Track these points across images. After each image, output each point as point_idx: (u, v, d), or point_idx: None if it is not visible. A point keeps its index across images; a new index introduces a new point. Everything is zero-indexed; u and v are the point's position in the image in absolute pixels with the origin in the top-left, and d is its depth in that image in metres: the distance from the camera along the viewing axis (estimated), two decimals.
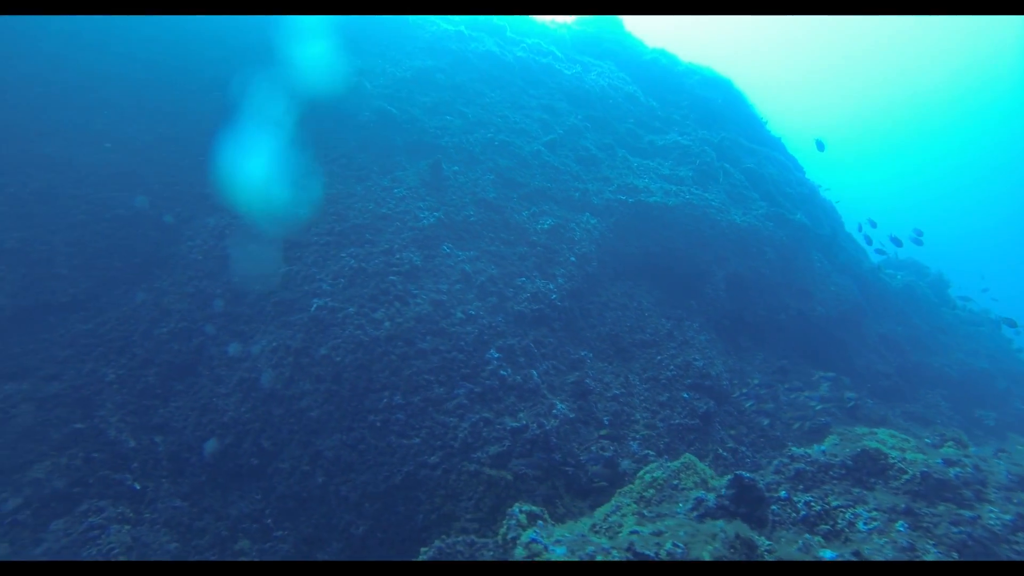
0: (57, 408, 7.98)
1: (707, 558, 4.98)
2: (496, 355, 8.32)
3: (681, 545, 4.93)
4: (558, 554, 4.77)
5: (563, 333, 9.38)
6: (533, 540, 5.11)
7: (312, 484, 7.86)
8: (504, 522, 6.20)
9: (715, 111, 16.67)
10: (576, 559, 4.66)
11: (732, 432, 9.39)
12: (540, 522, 6.03)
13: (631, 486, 7.13)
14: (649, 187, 12.17)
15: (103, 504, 7.08)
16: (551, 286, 9.55)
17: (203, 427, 8.38)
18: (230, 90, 10.84)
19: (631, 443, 8.37)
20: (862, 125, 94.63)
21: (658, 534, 5.32)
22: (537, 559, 4.91)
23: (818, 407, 9.45)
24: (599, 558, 4.62)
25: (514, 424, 7.74)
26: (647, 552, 4.76)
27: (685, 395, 9.46)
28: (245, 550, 7.39)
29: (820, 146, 16.08)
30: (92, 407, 8.23)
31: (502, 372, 8.19)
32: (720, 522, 5.45)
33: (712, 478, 7.33)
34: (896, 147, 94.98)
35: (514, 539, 5.82)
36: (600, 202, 11.45)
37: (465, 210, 10.20)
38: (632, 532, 5.54)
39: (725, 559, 5.05)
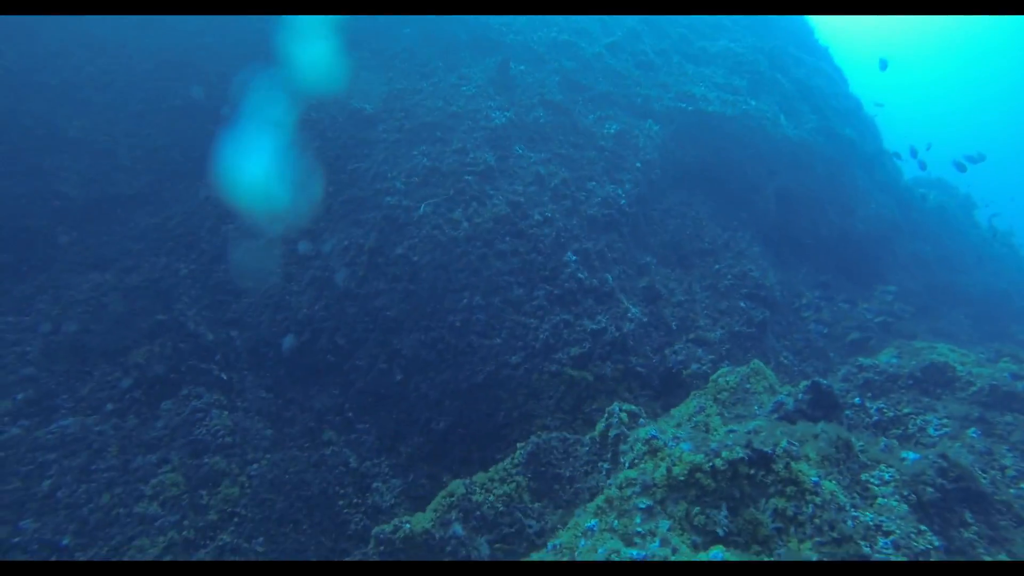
0: (140, 299, 8.07)
1: (813, 456, 5.27)
2: (573, 258, 8.40)
3: (796, 443, 5.21)
4: (684, 449, 4.99)
5: (631, 238, 9.45)
6: (653, 436, 5.34)
7: (390, 381, 8.08)
8: (602, 420, 6.44)
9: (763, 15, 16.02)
10: (701, 455, 4.85)
11: (786, 341, 9.69)
12: (641, 420, 6.30)
13: (705, 389, 7.39)
14: (707, 95, 11.90)
15: (200, 390, 7.32)
16: (620, 191, 9.52)
17: (278, 324, 8.51)
18: None
19: (697, 348, 8.63)
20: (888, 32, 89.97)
21: (755, 432, 5.54)
22: (660, 453, 5.17)
23: (876, 320, 9.72)
24: (724, 454, 4.82)
25: (593, 326, 7.93)
26: (765, 449, 4.96)
27: (742, 304, 9.66)
28: (332, 440, 7.69)
29: (883, 65, 15.54)
30: (171, 299, 8.32)
31: (579, 275, 8.29)
32: (821, 423, 5.74)
33: (778, 384, 7.63)
34: (918, 59, 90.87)
35: (619, 436, 6.07)
36: (661, 108, 11.22)
37: (534, 111, 9.98)
38: (730, 431, 5.80)
39: (830, 457, 5.36)
